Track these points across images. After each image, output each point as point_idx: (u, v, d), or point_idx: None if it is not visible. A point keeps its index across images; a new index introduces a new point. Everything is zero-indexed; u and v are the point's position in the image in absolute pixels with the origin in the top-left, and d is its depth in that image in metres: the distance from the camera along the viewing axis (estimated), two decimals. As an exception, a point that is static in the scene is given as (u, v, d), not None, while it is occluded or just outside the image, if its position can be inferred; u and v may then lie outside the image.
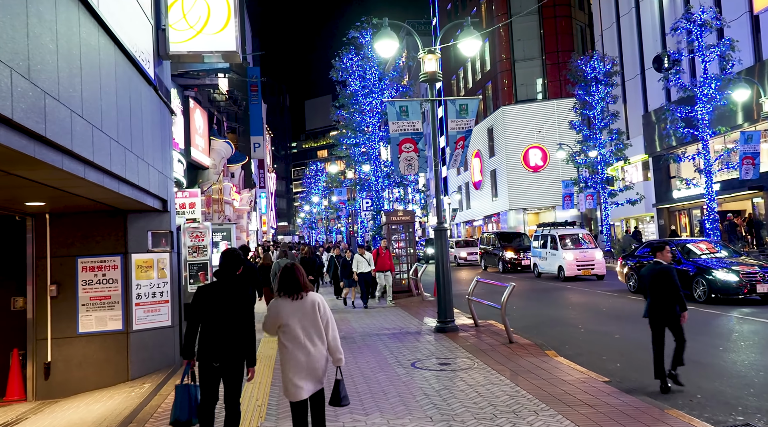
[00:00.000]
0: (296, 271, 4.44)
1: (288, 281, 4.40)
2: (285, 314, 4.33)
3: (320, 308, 4.40)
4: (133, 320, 7.98)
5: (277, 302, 4.41)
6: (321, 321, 4.39)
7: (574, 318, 11.92)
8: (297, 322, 4.32)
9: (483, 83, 47.83)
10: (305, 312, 4.35)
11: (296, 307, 4.36)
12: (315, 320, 4.37)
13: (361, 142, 20.66)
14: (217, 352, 4.51)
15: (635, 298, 14.26)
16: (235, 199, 26.98)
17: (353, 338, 10.25)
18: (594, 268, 19.13)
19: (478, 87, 48.93)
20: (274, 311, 4.37)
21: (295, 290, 4.37)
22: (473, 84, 50.63)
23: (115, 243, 7.99)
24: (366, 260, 14.60)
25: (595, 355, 8.47)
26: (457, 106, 10.85)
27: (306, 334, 4.32)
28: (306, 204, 77.39)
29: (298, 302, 4.37)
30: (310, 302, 4.39)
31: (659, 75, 28.35)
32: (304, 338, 4.31)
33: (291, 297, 4.37)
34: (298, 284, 4.39)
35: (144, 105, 7.32)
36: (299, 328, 4.32)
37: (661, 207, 28.65)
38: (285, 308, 4.35)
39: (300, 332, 4.31)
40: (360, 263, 14.54)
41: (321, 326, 4.38)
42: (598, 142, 25.60)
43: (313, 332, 4.35)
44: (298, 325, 4.32)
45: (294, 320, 4.32)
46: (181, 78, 21.46)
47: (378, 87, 20.25)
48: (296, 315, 4.33)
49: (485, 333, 10.08)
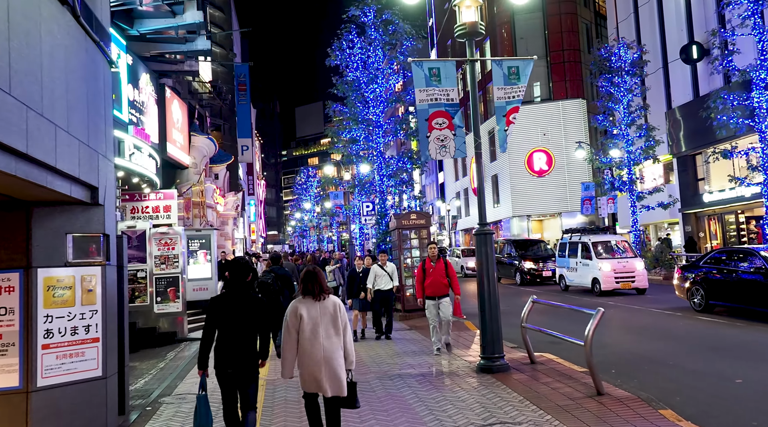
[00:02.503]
0: (318, 274, 4.74)
1: (312, 283, 4.69)
2: (308, 313, 4.61)
3: (340, 310, 4.74)
4: (37, 372, 5.15)
5: (300, 302, 4.69)
6: (340, 322, 4.71)
7: (656, 351, 9.14)
8: (320, 321, 4.63)
9: (484, 84, 45.42)
10: (327, 313, 4.68)
11: (320, 307, 4.67)
12: (336, 320, 4.69)
13: (363, 136, 17.90)
14: (231, 359, 4.64)
15: (710, 319, 11.59)
16: (219, 203, 24.15)
17: (368, 381, 7.46)
18: (635, 280, 16.45)
19: (479, 88, 46.46)
20: (295, 311, 4.64)
21: (320, 292, 4.68)
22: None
23: (10, 252, 5.17)
24: (388, 272, 10.94)
25: (734, 415, 5.76)
26: (505, 69, 8.16)
27: (326, 333, 4.63)
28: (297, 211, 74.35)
29: (322, 303, 4.69)
30: (332, 304, 4.73)
31: (684, 69, 26.10)
32: (325, 336, 4.61)
33: (315, 299, 4.69)
34: (322, 286, 4.71)
35: (54, 35, 4.58)
36: (321, 327, 4.62)
37: (687, 212, 26.10)
38: (307, 307, 4.65)
39: (321, 331, 4.61)
40: (379, 277, 10.86)
41: (340, 327, 4.70)
42: (626, 138, 22.96)
43: (332, 332, 4.65)
44: (321, 324, 4.63)
45: (317, 320, 4.61)
46: (155, 62, 18.65)
47: (383, 72, 17.55)
48: (319, 315, 4.64)
49: (549, 374, 7.34)
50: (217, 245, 25.78)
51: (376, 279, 10.83)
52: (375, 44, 17.65)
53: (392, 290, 10.96)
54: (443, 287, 9.08)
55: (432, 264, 9.15)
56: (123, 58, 15.32)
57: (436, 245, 9.42)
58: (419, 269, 9.33)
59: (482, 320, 7.80)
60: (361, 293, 10.98)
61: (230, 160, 25.86)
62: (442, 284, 9.07)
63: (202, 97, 24.04)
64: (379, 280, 10.82)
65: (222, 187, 26.25)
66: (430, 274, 9.08)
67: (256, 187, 59.93)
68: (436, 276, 9.05)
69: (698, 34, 25.00)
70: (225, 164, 25.73)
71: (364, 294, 10.90)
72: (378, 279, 10.82)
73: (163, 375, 8.64)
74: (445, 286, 9.10)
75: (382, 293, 10.80)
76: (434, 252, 9.29)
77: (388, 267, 11.01)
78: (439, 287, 9.04)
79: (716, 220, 25.31)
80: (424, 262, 9.28)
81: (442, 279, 9.07)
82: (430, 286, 9.06)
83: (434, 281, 9.05)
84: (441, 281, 9.05)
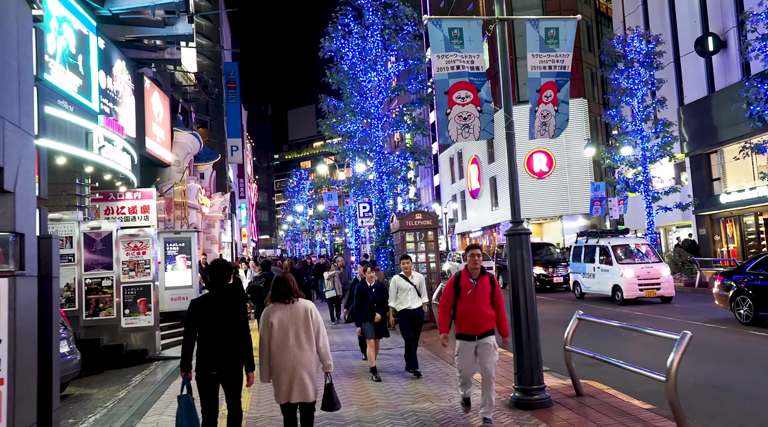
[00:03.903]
0: (287, 279, 4.69)
1: (280, 288, 4.65)
2: (278, 320, 4.55)
3: (312, 314, 4.64)
4: None
5: (270, 309, 4.63)
6: (312, 327, 4.60)
7: (720, 375, 7.57)
8: (290, 328, 4.54)
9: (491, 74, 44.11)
10: (298, 318, 4.58)
11: (290, 312, 4.59)
12: (308, 325, 4.58)
13: (361, 130, 16.29)
14: (214, 361, 4.56)
15: (763, 334, 10.07)
16: (204, 204, 22.49)
17: (377, 422, 5.88)
18: (660, 287, 14.93)
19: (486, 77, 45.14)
20: (267, 318, 4.60)
21: (287, 294, 4.62)
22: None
23: None
24: (415, 285, 8.16)
25: None
26: (541, 31, 6.62)
27: (296, 340, 4.53)
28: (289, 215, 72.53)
29: (292, 307, 4.61)
30: (302, 308, 4.62)
31: (698, 62, 24.71)
32: (295, 343, 4.52)
33: (284, 302, 4.62)
34: (290, 289, 4.64)
35: None
36: (291, 334, 4.53)
37: (702, 214, 24.67)
38: (277, 313, 4.58)
39: (291, 338, 4.52)
40: (403, 292, 8.11)
41: (312, 332, 4.59)
42: (641, 135, 21.44)
43: (303, 338, 4.55)
44: (291, 331, 4.53)
45: (287, 326, 4.54)
46: (132, 50, 16.99)
47: (382, 58, 15.97)
48: (289, 321, 4.56)
49: (603, 411, 5.78)
50: (203, 249, 24.13)
51: (399, 295, 8.11)
52: (373, 29, 16.08)
53: (422, 308, 8.25)
54: (487, 320, 5.59)
55: (471, 282, 5.64)
56: (93, 41, 13.72)
57: (479, 251, 5.81)
58: (448, 288, 5.81)
59: (517, 341, 6.23)
60: (376, 314, 8.14)
61: (217, 158, 24.20)
62: (486, 315, 5.58)
63: (186, 91, 22.38)
64: (404, 296, 8.07)
65: (208, 188, 24.60)
66: (466, 297, 5.59)
67: (247, 191, 58.31)
68: (476, 302, 5.56)
69: (714, 25, 23.63)
70: (211, 163, 24.06)
71: (380, 316, 8.16)
72: (403, 295, 8.08)
73: (120, 409, 7.00)
74: (490, 319, 5.62)
75: (410, 314, 8.07)
76: (477, 264, 5.69)
77: (415, 278, 8.23)
78: (480, 320, 5.56)
79: (733, 222, 23.89)
80: (457, 279, 5.75)
81: (485, 308, 5.59)
82: (465, 317, 5.60)
83: (473, 311, 5.57)
84: (483, 311, 5.57)
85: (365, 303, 8.23)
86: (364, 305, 8.23)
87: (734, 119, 20.82)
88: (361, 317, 8.25)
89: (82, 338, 10.17)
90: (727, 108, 22.83)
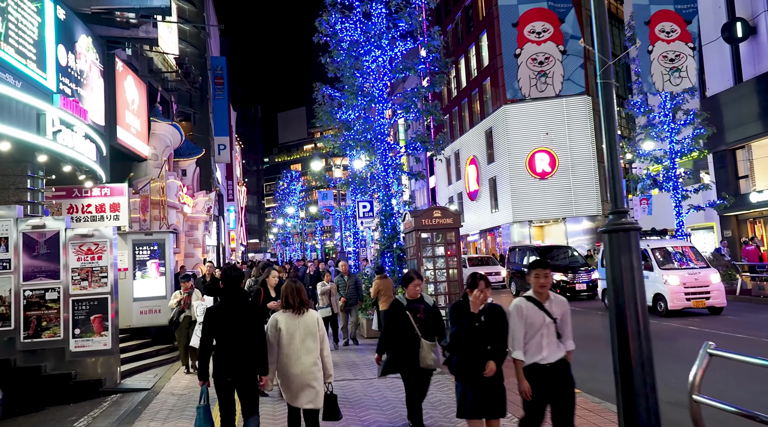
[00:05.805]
0: (299, 289, 4.72)
1: (293, 296, 4.65)
2: (286, 327, 4.59)
3: (318, 324, 4.70)
4: None
5: (280, 315, 4.68)
6: (318, 336, 4.65)
7: None
8: (297, 335, 4.59)
9: (480, 81, 42.21)
10: (306, 326, 4.62)
11: (299, 321, 4.63)
12: (314, 334, 4.63)
13: (363, 117, 14.18)
14: (230, 367, 4.63)
15: None
16: (186, 204, 20.30)
17: None
18: (710, 296, 12.95)
19: (474, 85, 43.38)
20: (275, 324, 4.65)
21: (299, 305, 4.63)
22: (467, 83, 45.13)
23: None
24: None
25: None
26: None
27: (304, 347, 4.57)
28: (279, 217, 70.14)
29: (301, 317, 4.64)
30: (311, 318, 4.68)
31: (722, 51, 22.91)
32: (302, 350, 4.56)
33: (295, 312, 4.63)
34: (302, 300, 4.68)
35: None
36: (298, 341, 4.57)
37: (727, 214, 22.81)
38: (287, 320, 4.63)
39: (298, 345, 4.57)
40: None
41: (318, 340, 4.65)
42: (669, 126, 19.47)
43: (311, 346, 4.59)
44: (298, 338, 4.58)
45: (294, 334, 4.59)
46: (101, 26, 14.78)
47: (387, 35, 13.90)
48: (297, 329, 4.60)
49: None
50: (185, 253, 21.91)
51: None
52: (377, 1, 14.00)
53: None
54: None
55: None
56: (50, 8, 11.62)
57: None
58: None
59: (623, 390, 4.16)
60: (489, 363, 4.52)
61: (201, 153, 22.01)
62: None
63: (166, 79, 20.24)
64: None
65: (191, 186, 22.42)
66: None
67: (236, 193, 56.02)
68: None
69: (741, 9, 21.83)
70: (194, 158, 21.87)
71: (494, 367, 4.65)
72: None
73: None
74: None
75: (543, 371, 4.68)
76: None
77: None
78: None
79: (762, 223, 22.05)
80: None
81: None
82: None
83: None
84: None
85: (396, 325, 5.37)
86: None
87: (766, 112, 19.01)
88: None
89: (19, 366, 8.03)
90: (757, 99, 21.08)
